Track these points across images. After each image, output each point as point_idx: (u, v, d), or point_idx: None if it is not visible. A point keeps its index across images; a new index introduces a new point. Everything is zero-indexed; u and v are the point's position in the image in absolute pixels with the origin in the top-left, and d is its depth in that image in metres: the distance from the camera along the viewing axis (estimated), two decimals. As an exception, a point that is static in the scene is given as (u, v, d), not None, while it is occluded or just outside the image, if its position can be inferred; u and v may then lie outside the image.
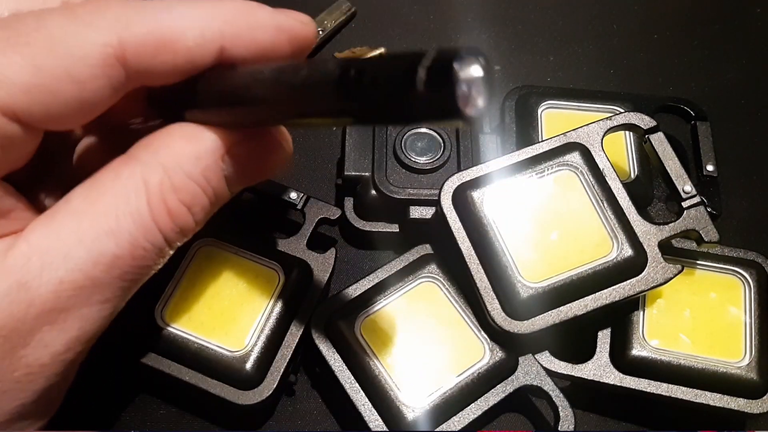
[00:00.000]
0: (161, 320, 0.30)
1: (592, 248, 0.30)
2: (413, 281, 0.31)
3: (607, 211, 0.30)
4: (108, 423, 0.32)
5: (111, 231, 0.20)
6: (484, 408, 0.29)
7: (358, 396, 0.29)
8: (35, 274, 0.19)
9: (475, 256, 0.30)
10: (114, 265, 0.20)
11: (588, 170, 0.31)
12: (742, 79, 0.43)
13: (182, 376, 0.29)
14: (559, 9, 0.46)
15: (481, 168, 0.31)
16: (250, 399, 0.29)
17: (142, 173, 0.20)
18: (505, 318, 0.29)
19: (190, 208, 0.21)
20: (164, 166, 0.20)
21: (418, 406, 0.29)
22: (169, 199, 0.20)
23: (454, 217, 0.30)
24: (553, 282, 0.29)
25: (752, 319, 0.31)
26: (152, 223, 0.20)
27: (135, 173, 0.20)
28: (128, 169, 0.21)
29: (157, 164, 0.20)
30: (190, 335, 0.29)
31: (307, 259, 0.32)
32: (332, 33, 0.44)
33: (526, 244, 0.30)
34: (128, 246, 0.20)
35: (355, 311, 0.30)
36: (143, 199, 0.20)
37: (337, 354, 0.30)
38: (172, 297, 0.30)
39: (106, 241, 0.20)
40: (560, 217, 0.30)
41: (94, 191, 0.20)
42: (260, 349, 0.29)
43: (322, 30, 0.43)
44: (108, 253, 0.20)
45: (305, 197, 0.34)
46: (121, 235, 0.20)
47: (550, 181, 0.31)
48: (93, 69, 0.19)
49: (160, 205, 0.20)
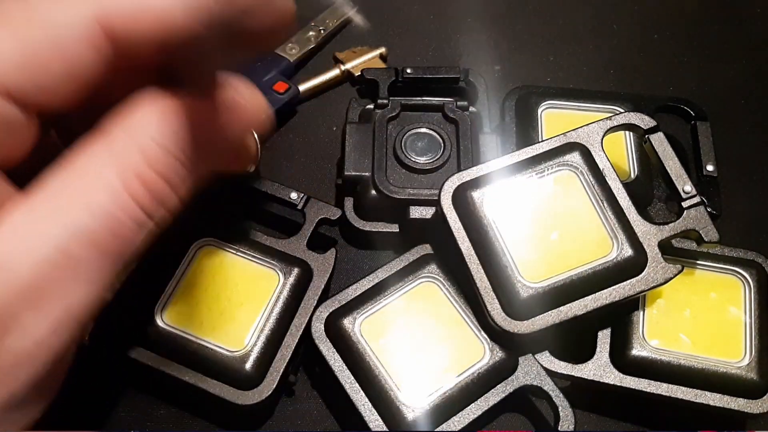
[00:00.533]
0: (161, 320, 0.30)
1: (592, 248, 0.30)
2: (413, 281, 0.31)
3: (607, 211, 0.30)
4: (108, 423, 0.32)
5: (86, 206, 0.20)
6: (484, 408, 0.29)
7: (358, 396, 0.29)
8: (12, 256, 0.19)
9: (475, 256, 0.30)
10: (93, 241, 0.20)
11: (588, 170, 0.31)
12: (742, 79, 0.43)
13: (182, 376, 0.29)
14: (559, 9, 0.46)
15: (481, 168, 0.31)
16: (250, 399, 0.29)
17: (113, 147, 0.20)
18: (505, 318, 0.29)
19: (168, 179, 0.21)
20: (134, 138, 0.20)
21: (418, 406, 0.29)
22: (143, 171, 0.20)
23: (454, 217, 0.30)
24: (553, 282, 0.29)
25: (752, 319, 0.31)
26: (127, 196, 0.20)
27: (105, 147, 0.20)
28: (98, 144, 0.20)
29: (127, 136, 0.20)
30: (190, 335, 0.29)
31: (307, 260, 0.32)
32: (333, 33, 0.44)
33: (526, 244, 0.30)
34: (105, 221, 0.20)
35: (355, 311, 0.30)
36: (114, 173, 0.20)
37: (337, 354, 0.30)
38: (172, 297, 0.30)
39: (82, 217, 0.19)
40: (560, 217, 0.30)
41: (66, 170, 0.20)
42: (260, 349, 0.29)
43: (323, 29, 0.43)
44: (85, 229, 0.19)
45: (305, 197, 0.34)
46: (97, 210, 0.20)
47: (550, 181, 0.31)
48: (79, 40, 0.19)
49: (133, 177, 0.20)
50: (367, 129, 0.36)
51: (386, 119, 0.36)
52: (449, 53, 0.44)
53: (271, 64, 0.40)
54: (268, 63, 0.40)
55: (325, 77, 0.41)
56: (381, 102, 0.37)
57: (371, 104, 0.38)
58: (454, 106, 0.37)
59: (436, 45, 0.44)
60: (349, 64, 0.42)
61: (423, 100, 0.38)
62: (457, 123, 0.36)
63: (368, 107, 0.38)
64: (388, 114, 0.37)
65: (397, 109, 0.37)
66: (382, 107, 0.37)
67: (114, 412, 0.32)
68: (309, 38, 0.43)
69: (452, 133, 0.36)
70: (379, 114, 0.37)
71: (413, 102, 0.37)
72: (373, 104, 0.38)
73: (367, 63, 0.42)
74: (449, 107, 0.37)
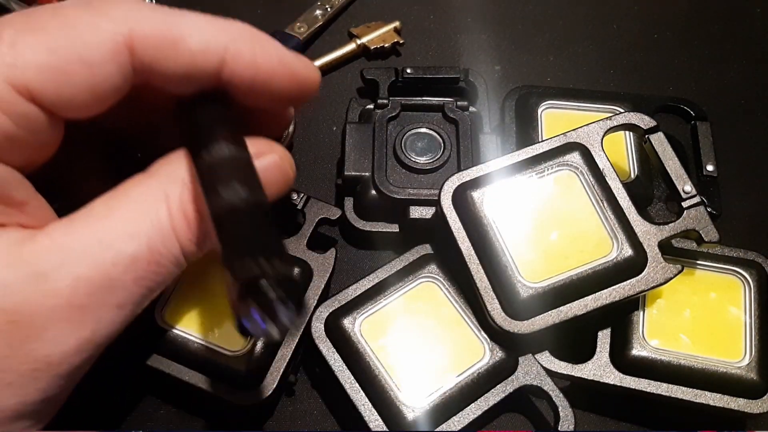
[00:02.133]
0: (161, 320, 0.30)
1: (592, 248, 0.30)
2: (413, 281, 0.31)
3: (607, 211, 0.30)
4: (108, 423, 0.32)
5: (131, 234, 0.20)
6: (484, 408, 0.29)
7: (358, 396, 0.29)
8: (54, 267, 0.20)
9: (475, 256, 0.30)
10: (131, 267, 0.20)
11: (588, 170, 0.31)
12: (742, 79, 0.43)
13: (182, 377, 0.29)
14: (559, 9, 0.46)
15: (481, 168, 0.31)
16: (251, 399, 0.29)
17: (163, 185, 0.21)
18: (505, 318, 0.29)
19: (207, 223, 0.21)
20: (184, 180, 0.21)
21: (418, 406, 0.29)
22: (188, 210, 0.21)
23: (454, 217, 0.30)
24: (553, 282, 0.29)
25: (752, 319, 0.31)
26: (171, 230, 0.21)
27: (156, 185, 0.21)
28: (149, 181, 0.22)
29: (178, 178, 0.21)
30: (190, 335, 0.29)
31: (308, 259, 0.32)
32: (339, 10, 0.44)
33: (526, 244, 0.30)
34: (146, 250, 0.21)
35: (355, 311, 0.30)
36: (164, 208, 0.21)
37: (337, 354, 0.30)
38: (172, 297, 0.30)
39: (126, 243, 0.20)
40: (560, 217, 0.30)
41: (115, 200, 0.21)
42: (260, 349, 0.29)
43: (329, 7, 0.44)
44: (126, 254, 0.20)
45: (305, 197, 0.34)
46: (141, 239, 0.21)
47: (550, 181, 0.31)
48: (104, 54, 0.20)
49: (180, 214, 0.21)
50: (367, 129, 0.36)
51: (386, 119, 0.36)
52: (449, 53, 0.44)
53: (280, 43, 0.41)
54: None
55: (342, 51, 0.42)
56: (381, 102, 0.37)
57: (371, 104, 0.38)
58: (454, 106, 0.37)
59: (436, 45, 0.44)
60: (365, 38, 0.42)
61: (423, 100, 0.38)
62: (457, 123, 0.36)
63: (368, 107, 0.38)
64: (388, 114, 0.37)
65: (397, 109, 0.37)
66: (382, 107, 0.37)
67: (114, 412, 0.32)
68: (316, 17, 0.43)
69: (452, 133, 0.36)
70: (379, 114, 0.37)
71: (413, 102, 0.37)
72: (373, 104, 0.38)
73: (383, 36, 0.42)
74: (449, 107, 0.37)
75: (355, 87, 0.42)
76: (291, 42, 0.41)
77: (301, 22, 0.43)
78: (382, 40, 0.42)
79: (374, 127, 0.36)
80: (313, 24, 0.43)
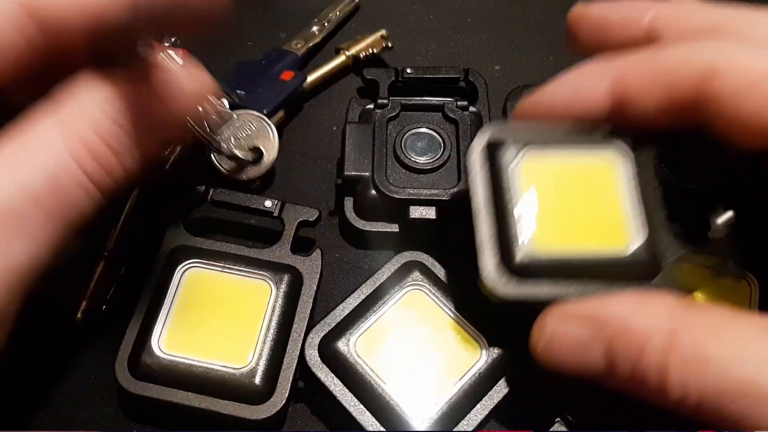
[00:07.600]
0: (161, 350, 0.29)
1: (609, 237, 0.26)
2: (399, 291, 0.31)
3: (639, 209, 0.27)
4: (109, 423, 0.31)
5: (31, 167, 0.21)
6: (490, 407, 0.29)
7: (364, 417, 0.28)
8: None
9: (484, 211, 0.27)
10: (37, 200, 0.21)
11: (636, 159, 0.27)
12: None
13: (193, 403, 0.28)
14: (559, 9, 0.46)
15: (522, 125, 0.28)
16: (265, 412, 0.28)
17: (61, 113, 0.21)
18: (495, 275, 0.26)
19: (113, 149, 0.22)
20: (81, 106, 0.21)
21: (426, 417, 0.28)
22: (89, 138, 0.21)
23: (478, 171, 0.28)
24: (559, 255, 0.26)
25: None
26: (71, 159, 0.21)
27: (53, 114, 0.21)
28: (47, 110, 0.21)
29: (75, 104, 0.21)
30: (193, 360, 0.29)
31: (295, 264, 0.32)
32: (337, 27, 0.44)
33: (545, 211, 0.27)
34: (51, 183, 0.21)
35: (347, 332, 0.30)
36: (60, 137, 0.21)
37: (336, 378, 0.29)
38: (168, 325, 0.30)
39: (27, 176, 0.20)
40: (592, 196, 0.27)
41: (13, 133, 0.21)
42: (266, 362, 0.29)
43: (327, 23, 0.44)
44: (29, 187, 0.20)
45: (280, 203, 0.33)
46: (43, 172, 0.21)
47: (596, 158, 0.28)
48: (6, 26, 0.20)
49: (79, 145, 0.21)
50: (367, 129, 0.36)
51: (386, 119, 0.36)
52: (449, 53, 0.44)
53: (278, 60, 0.41)
54: (275, 58, 0.41)
55: (332, 64, 0.42)
56: (381, 102, 0.37)
57: (371, 104, 0.38)
58: (454, 106, 0.37)
59: (436, 45, 0.44)
60: (353, 49, 0.42)
61: (423, 100, 0.38)
62: (457, 123, 0.36)
63: (368, 107, 0.38)
64: (388, 114, 0.37)
65: (397, 109, 0.37)
66: (382, 107, 0.37)
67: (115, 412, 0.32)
68: (313, 33, 0.43)
69: (452, 133, 0.36)
70: (379, 114, 0.37)
71: (413, 102, 0.37)
72: (373, 104, 0.38)
73: (371, 44, 0.42)
74: (449, 107, 0.37)
75: (355, 87, 0.42)
76: (289, 58, 0.41)
77: (299, 39, 0.43)
78: (370, 47, 0.42)
79: (374, 127, 0.36)
80: (310, 40, 0.43)
